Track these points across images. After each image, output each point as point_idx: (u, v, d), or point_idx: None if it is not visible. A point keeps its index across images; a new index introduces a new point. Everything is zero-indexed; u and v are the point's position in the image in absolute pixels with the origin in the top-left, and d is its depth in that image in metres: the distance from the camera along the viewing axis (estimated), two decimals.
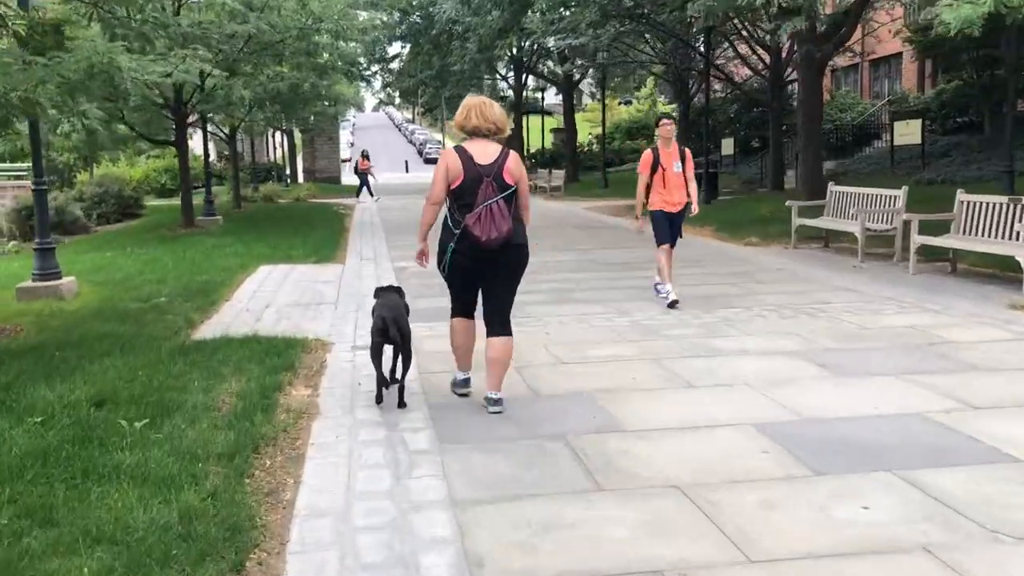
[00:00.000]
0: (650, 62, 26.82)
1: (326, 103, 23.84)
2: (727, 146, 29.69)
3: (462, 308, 5.09)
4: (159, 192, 37.22)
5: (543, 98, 38.08)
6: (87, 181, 24.91)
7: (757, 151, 30.69)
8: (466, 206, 4.67)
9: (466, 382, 5.18)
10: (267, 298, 8.89)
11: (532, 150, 44.60)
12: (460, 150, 4.77)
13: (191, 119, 18.22)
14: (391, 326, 4.87)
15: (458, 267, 4.84)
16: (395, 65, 42.17)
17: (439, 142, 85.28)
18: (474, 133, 4.79)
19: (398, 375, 5.01)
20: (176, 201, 29.97)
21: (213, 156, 56.68)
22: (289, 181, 40.91)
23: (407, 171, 60.91)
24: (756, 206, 18.36)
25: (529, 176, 25.31)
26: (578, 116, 57.29)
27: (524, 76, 41.19)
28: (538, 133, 47.21)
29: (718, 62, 28.05)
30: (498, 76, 40.78)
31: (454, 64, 31.17)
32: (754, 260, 11.29)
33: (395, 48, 39.45)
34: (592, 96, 46.67)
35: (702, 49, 24.14)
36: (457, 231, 4.70)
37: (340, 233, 16.01)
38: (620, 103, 69.15)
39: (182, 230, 16.83)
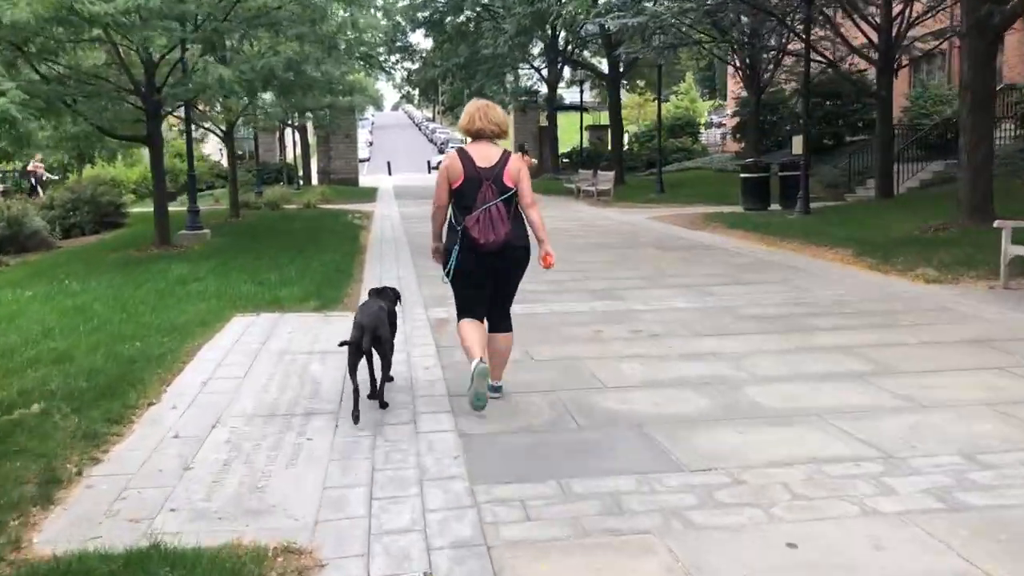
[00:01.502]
0: (722, 42, 22.85)
1: (340, 95, 20.09)
2: (797, 144, 25.87)
3: (469, 310, 4.93)
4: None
5: (581, 91, 34.14)
6: (64, 186, 21.38)
7: (830, 150, 26.87)
8: (466, 208, 4.74)
9: (481, 361, 4.66)
10: (222, 397, 5.21)
11: (567, 149, 40.80)
12: (461, 152, 4.83)
13: (170, 109, 14.65)
14: (366, 336, 4.67)
15: (462, 270, 4.81)
16: (417, 58, 38.51)
17: (461, 141, 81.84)
18: (478, 135, 4.86)
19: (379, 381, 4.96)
20: (174, 207, 26.30)
21: (224, 156, 53.12)
22: (302, 183, 37.36)
23: (429, 171, 56.99)
24: (878, 219, 14.57)
25: (569, 179, 21.51)
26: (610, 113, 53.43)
27: (560, 67, 37.43)
28: (573, 131, 43.52)
29: (796, 47, 24.19)
30: (531, 67, 37.13)
31: (486, 48, 27.43)
32: (969, 312, 7.48)
33: (417, 37, 35.92)
34: (634, 90, 42.80)
35: (782, 25, 20.35)
36: (459, 229, 4.74)
37: (353, 255, 12.32)
38: (654, 100, 65.25)
39: (154, 249, 13.24)
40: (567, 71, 39.66)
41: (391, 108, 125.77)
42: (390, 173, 52.40)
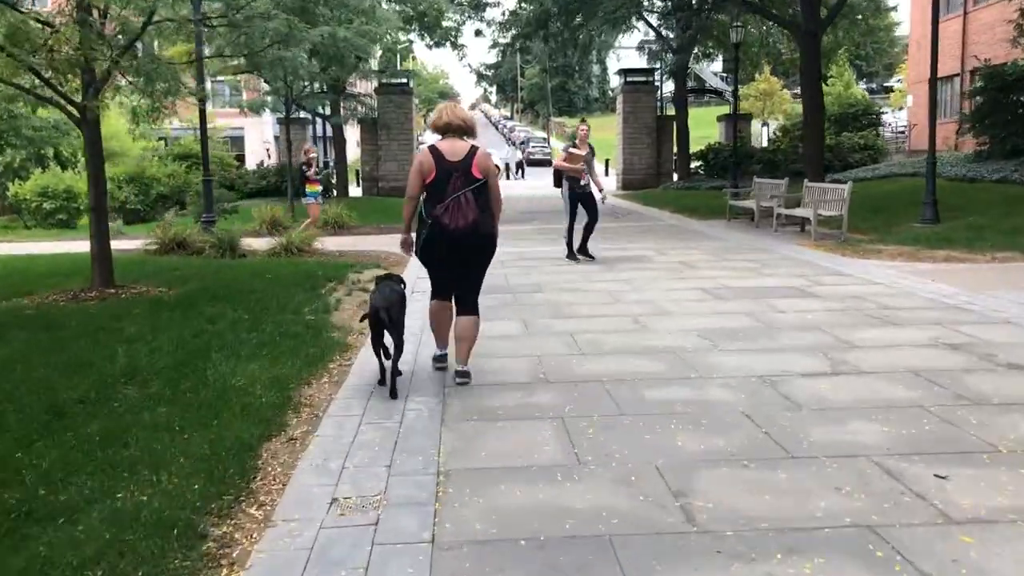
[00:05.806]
0: None
1: (340, 23, 9.70)
2: None
3: (439, 290, 5.53)
4: (126, 214, 23.95)
5: (737, 62, 22.75)
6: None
7: None
8: (438, 200, 5.16)
9: (443, 357, 5.66)
10: None
11: (701, 147, 29.59)
12: (432, 148, 5.25)
13: None
14: (382, 312, 5.10)
15: (432, 253, 5.30)
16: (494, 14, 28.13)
17: (544, 139, 71.11)
18: (446, 130, 5.28)
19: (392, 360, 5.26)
20: (84, 245, 14.58)
21: (272, 154, 41.69)
22: (335, 193, 27.17)
23: (508, 177, 45.99)
24: None
25: (743, 194, 8.85)
26: (725, 108, 41.76)
27: (694, 31, 26.32)
28: (705, 124, 32.47)
29: None
30: (652, 29, 26.26)
31: None
32: None
33: None
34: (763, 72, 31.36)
35: None
36: (429, 221, 5.20)
37: None
38: (783, 88, 53.38)
39: None
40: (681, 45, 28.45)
41: (468, 107, 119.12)
42: None
